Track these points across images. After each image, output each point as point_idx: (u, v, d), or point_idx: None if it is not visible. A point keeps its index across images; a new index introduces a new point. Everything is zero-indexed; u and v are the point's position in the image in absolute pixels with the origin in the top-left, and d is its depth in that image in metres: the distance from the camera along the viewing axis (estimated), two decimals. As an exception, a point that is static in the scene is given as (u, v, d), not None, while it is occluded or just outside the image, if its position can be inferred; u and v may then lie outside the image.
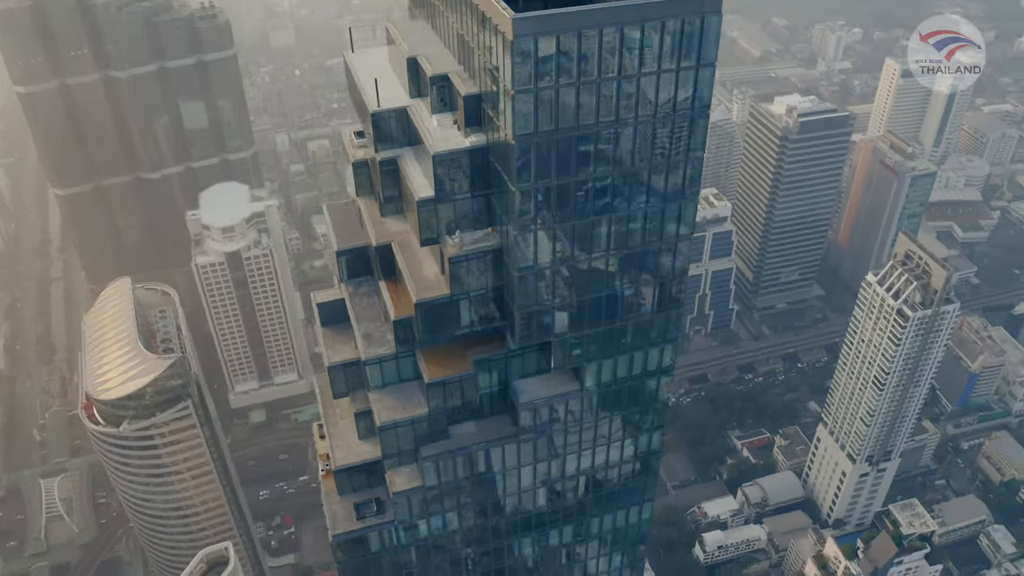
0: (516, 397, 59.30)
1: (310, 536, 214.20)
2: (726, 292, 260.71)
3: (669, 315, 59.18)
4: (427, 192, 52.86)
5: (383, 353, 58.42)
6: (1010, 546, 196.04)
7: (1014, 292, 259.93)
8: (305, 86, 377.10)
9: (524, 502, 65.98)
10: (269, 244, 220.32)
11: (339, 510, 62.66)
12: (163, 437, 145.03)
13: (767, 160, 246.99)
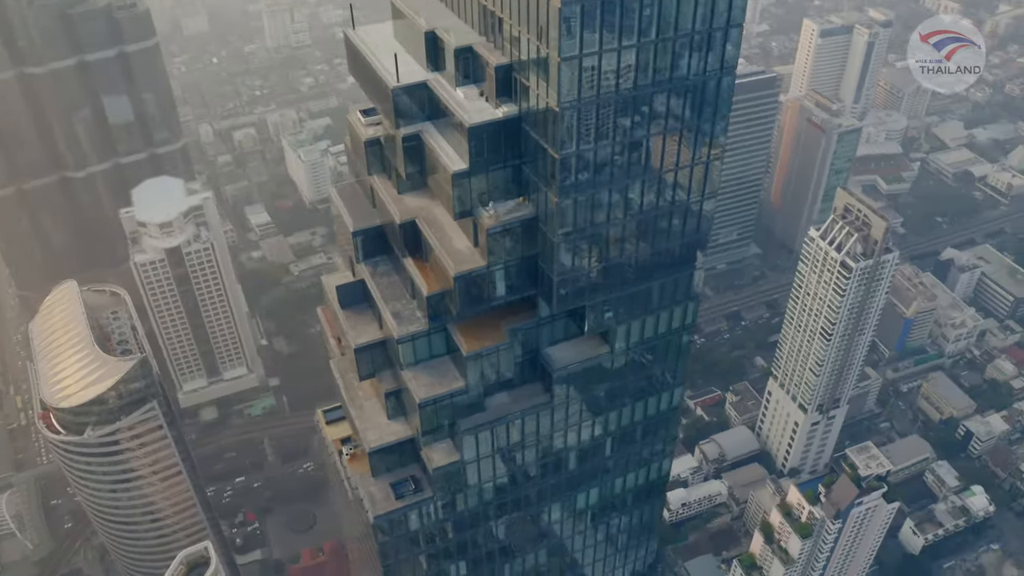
0: (549, 364, 60.08)
1: (275, 531, 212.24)
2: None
3: (693, 273, 60.68)
4: (460, 165, 52.89)
5: (415, 330, 58.39)
6: (954, 480, 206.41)
7: (938, 239, 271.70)
8: (224, 74, 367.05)
9: (555, 467, 66.98)
10: (209, 238, 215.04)
11: (375, 491, 62.55)
12: (130, 441, 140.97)
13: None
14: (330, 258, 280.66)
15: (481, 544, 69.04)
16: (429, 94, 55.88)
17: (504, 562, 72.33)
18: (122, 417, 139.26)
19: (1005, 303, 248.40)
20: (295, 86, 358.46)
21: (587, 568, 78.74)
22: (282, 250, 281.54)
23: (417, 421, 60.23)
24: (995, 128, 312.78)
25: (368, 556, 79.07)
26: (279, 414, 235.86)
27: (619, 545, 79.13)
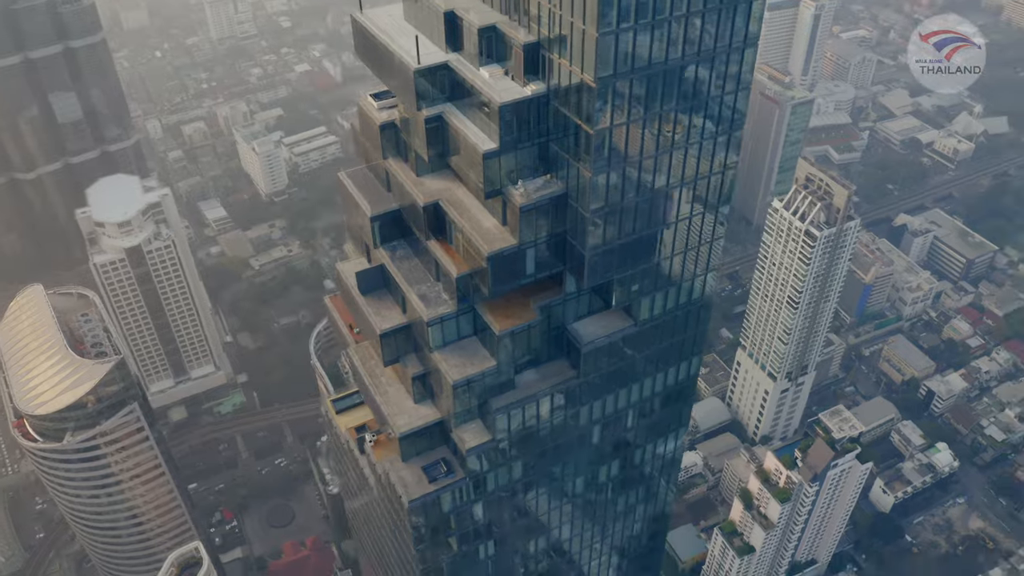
0: (577, 339, 60.62)
1: (253, 528, 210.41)
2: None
3: (714, 244, 61.69)
4: (490, 144, 52.93)
5: (444, 312, 58.43)
6: (919, 439, 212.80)
7: (890, 206, 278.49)
8: (169, 68, 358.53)
9: (581, 441, 67.73)
10: (170, 235, 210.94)
11: (407, 476, 62.57)
12: (110, 445, 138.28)
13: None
14: (290, 251, 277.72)
15: (508, 522, 69.53)
16: (451, 75, 55.72)
17: (529, 539, 72.99)
18: (102, 421, 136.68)
19: (958, 265, 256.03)
20: (243, 77, 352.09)
21: (604, 541, 79.93)
22: (241, 244, 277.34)
23: (448, 403, 60.37)
24: (939, 95, 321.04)
25: (386, 541, 79.13)
26: (250, 410, 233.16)
27: (636, 516, 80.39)
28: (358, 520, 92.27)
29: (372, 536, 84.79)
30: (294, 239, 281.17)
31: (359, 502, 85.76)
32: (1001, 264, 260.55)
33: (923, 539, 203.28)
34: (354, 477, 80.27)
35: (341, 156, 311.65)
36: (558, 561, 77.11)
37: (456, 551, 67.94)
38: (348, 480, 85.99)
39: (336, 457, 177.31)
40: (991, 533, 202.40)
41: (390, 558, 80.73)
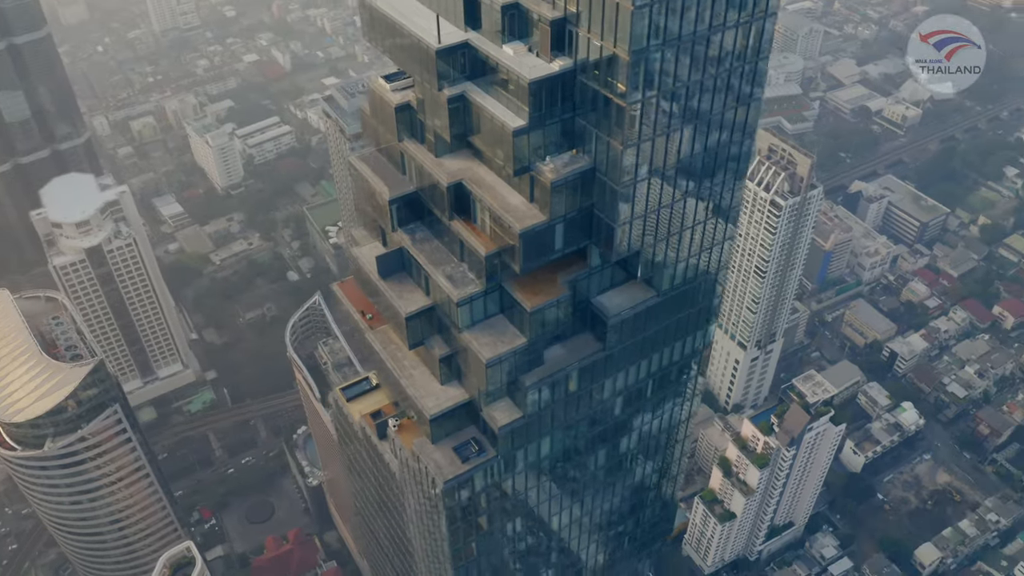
0: (604, 312, 61.24)
1: (233, 525, 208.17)
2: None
3: (730, 212, 62.71)
4: (518, 122, 53.02)
5: (473, 292, 58.53)
6: (884, 399, 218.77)
7: (844, 174, 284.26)
8: (112, 63, 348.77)
9: (605, 413, 68.53)
10: (130, 233, 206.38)
11: (439, 458, 62.70)
12: (92, 449, 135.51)
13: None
14: (251, 244, 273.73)
15: (535, 497, 70.15)
16: (471, 53, 55.59)
17: (553, 513, 73.73)
18: (83, 425, 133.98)
19: (912, 228, 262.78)
20: (189, 69, 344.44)
21: (623, 509, 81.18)
22: (200, 240, 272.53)
23: (478, 382, 60.59)
24: (885, 63, 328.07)
25: (405, 527, 79.19)
26: (221, 407, 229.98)
27: (652, 482, 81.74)
28: (366, 507, 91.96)
29: (386, 523, 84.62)
30: (254, 232, 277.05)
31: (368, 489, 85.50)
32: (953, 226, 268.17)
33: (893, 496, 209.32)
34: (366, 463, 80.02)
35: (296, 146, 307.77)
36: (580, 533, 78.08)
37: (486, 530, 68.39)
38: (356, 467, 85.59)
39: (324, 447, 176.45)
40: (957, 486, 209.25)
41: (407, 544, 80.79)
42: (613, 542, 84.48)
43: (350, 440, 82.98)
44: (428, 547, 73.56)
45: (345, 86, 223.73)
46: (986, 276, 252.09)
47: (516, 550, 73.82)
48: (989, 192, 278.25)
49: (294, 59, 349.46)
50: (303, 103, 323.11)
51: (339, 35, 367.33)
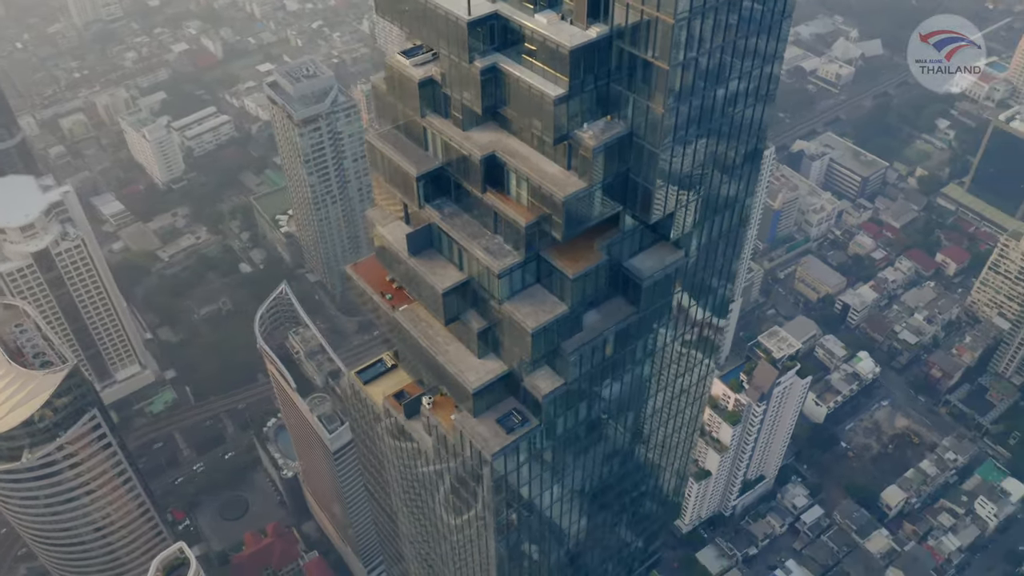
0: (637, 274, 61.99)
1: (208, 523, 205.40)
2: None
3: (752, 169, 64.06)
4: (558, 90, 53.11)
5: (513, 263, 58.65)
6: (841, 350, 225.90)
7: (785, 133, 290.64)
8: (33, 59, 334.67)
9: (636, 377, 69.61)
10: (78, 234, 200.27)
11: (483, 431, 62.92)
12: (72, 457, 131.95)
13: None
14: (198, 238, 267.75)
15: (571, 464, 71.06)
16: (501, 24, 55.37)
17: (585, 479, 74.79)
18: (60, 433, 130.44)
19: (854, 183, 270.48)
20: (117, 63, 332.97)
21: (649, 468, 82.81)
22: (145, 237, 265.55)
23: (520, 352, 60.87)
24: (815, 24, 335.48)
25: (434, 507, 79.37)
26: (184, 406, 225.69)
27: (676, 441, 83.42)
28: (381, 490, 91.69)
29: (408, 504, 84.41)
30: (200, 226, 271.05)
31: (388, 471, 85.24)
32: (892, 179, 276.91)
33: (856, 443, 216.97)
34: (388, 445, 79.73)
35: (236, 136, 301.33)
36: (609, 496, 79.39)
37: (526, 499, 69.02)
38: (373, 451, 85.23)
39: (299, 437, 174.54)
40: (915, 429, 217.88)
41: (432, 524, 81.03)
42: (633, 509, 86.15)
43: (368, 423, 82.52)
44: (463, 523, 73.93)
45: (289, 71, 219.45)
46: (926, 226, 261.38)
47: (550, 519, 74.69)
48: (924, 144, 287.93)
49: (225, 47, 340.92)
50: (239, 91, 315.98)
51: (269, 20, 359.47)
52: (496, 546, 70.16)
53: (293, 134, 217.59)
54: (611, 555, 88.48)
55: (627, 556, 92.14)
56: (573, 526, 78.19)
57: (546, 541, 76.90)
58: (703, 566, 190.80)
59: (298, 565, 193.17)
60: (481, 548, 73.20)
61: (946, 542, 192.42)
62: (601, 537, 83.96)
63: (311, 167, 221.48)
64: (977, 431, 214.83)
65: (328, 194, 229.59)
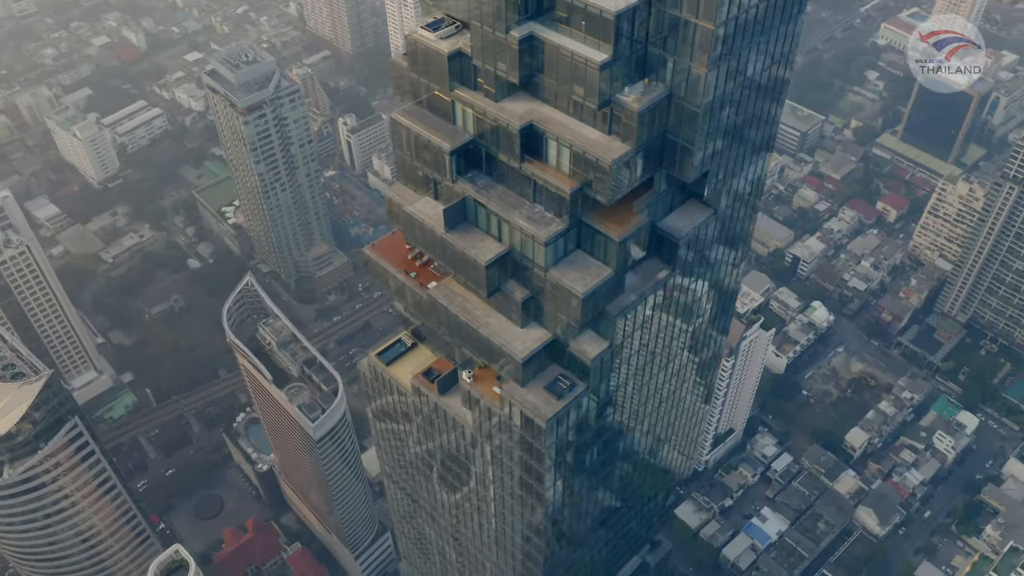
0: (673, 233, 63.21)
1: (184, 525, 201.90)
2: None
3: (771, 126, 65.65)
4: (602, 56, 53.58)
5: (558, 230, 59.20)
6: (795, 301, 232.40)
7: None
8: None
9: (667, 335, 71.00)
10: (22, 240, 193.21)
11: (533, 399, 63.57)
12: (56, 468, 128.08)
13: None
14: (142, 236, 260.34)
15: (613, 423, 72.32)
16: (535, -7, 55.51)
17: (621, 439, 76.20)
18: (42, 445, 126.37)
19: (793, 139, 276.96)
20: (35, 61, 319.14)
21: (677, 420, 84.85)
22: (86, 240, 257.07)
23: (567, 318, 61.56)
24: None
25: (457, 483, 79.86)
26: (146, 409, 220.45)
27: (698, 395, 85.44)
28: (404, 472, 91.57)
29: (443, 482, 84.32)
30: (142, 224, 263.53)
31: (411, 450, 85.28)
32: (829, 132, 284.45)
33: (816, 390, 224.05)
34: (416, 425, 79.77)
35: (170, 129, 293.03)
36: (641, 453, 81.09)
37: (572, 463, 70.05)
38: (396, 434, 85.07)
39: (274, 429, 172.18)
40: (871, 372, 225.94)
41: (468, 501, 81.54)
42: (657, 465, 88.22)
43: (391, 405, 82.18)
44: (504, 495, 74.64)
45: (228, 58, 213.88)
46: (865, 176, 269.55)
47: (591, 479, 76.01)
48: (856, 96, 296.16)
49: (148, 38, 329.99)
50: (168, 83, 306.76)
51: (192, 7, 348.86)
52: (543, 513, 71.14)
53: (237, 123, 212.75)
54: (635, 512, 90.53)
55: (648, 512, 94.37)
56: (609, 485, 79.70)
57: (584, 503, 78.25)
58: (682, 521, 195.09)
59: (281, 558, 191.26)
60: (524, 517, 74.12)
61: (909, 477, 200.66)
62: (631, 494, 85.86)
63: (258, 155, 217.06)
64: (929, 370, 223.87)
65: (277, 182, 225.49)
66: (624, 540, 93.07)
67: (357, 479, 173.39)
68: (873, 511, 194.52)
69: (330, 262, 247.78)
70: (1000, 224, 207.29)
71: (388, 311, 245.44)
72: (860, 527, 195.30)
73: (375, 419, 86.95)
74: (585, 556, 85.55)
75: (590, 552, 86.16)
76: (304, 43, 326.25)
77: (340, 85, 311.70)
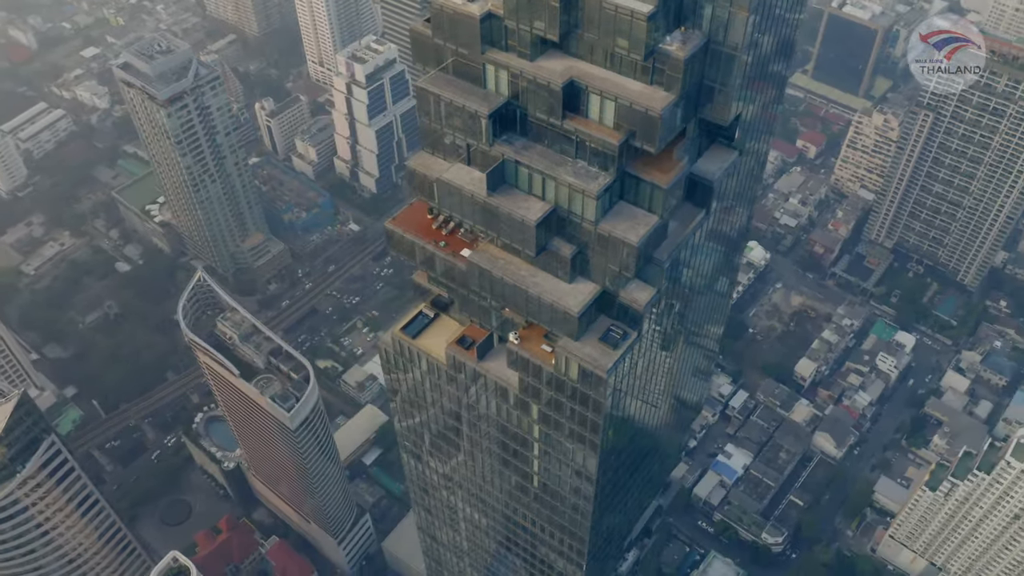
0: (707, 176, 64.98)
1: (152, 534, 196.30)
2: (416, 130, 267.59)
3: (786, 65, 67.86)
4: (647, 7, 54.37)
5: (607, 183, 60.13)
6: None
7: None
8: None
9: (696, 275, 73.16)
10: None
11: (590, 351, 64.73)
12: (38, 490, 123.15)
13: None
14: (63, 244, 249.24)
15: (656, 368, 74.23)
16: (569, -51, 55.78)
17: (658, 382, 78.27)
18: (19, 468, 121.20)
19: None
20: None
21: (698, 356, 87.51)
22: (2, 253, 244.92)
23: (619, 268, 62.70)
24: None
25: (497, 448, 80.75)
26: (95, 421, 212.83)
27: (716, 332, 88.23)
28: (431, 445, 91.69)
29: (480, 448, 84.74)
30: (61, 231, 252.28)
31: (438, 421, 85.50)
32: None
33: (761, 326, 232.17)
34: (449, 394, 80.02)
35: (76, 130, 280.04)
36: (673, 391, 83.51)
37: (622, 410, 71.74)
38: (420, 406, 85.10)
39: (241, 423, 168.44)
40: (810, 304, 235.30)
41: (511, 467, 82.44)
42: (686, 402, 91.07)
43: (418, 380, 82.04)
44: (555, 451, 75.83)
45: (141, 49, 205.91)
46: (783, 115, 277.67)
47: (634, 425, 77.94)
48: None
49: (38, 36, 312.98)
50: (67, 82, 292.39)
51: (81, 0, 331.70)
52: (595, 463, 72.69)
53: (159, 115, 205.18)
54: (660, 454, 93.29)
55: (668, 454, 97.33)
56: (647, 427, 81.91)
57: (627, 448, 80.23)
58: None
59: (260, 554, 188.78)
60: (573, 470, 75.59)
61: (858, 399, 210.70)
62: (661, 435, 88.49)
63: (183, 148, 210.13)
64: (863, 296, 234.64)
65: (205, 173, 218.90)
66: (649, 484, 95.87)
67: (334, 464, 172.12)
68: (829, 435, 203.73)
69: (267, 251, 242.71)
70: (918, 151, 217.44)
71: (332, 294, 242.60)
72: (819, 452, 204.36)
73: (398, 396, 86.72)
74: (620, 503, 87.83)
75: (624, 499, 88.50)
76: (206, 29, 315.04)
77: (250, 69, 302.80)
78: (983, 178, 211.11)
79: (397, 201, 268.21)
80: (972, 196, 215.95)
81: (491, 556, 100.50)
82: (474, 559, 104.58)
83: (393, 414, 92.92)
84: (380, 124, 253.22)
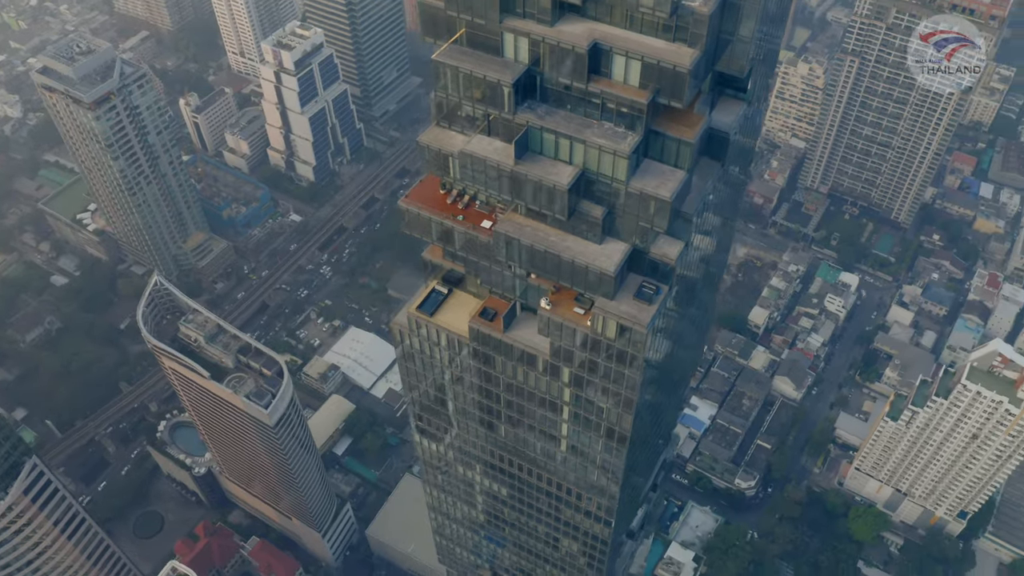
0: (723, 129, 66.29)
1: (128, 550, 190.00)
2: (349, 114, 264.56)
3: (785, 15, 69.66)
4: (673, -32, 55.24)
5: (636, 141, 60.99)
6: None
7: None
8: None
9: (711, 224, 74.92)
10: None
11: (628, 309, 65.79)
12: (23, 515, 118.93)
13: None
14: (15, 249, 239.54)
15: (683, 322, 75.97)
16: (587, -90, 56.10)
17: (684, 335, 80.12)
18: (3, 494, 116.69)
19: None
20: None
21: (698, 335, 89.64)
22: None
23: (653, 224, 63.63)
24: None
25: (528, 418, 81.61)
26: (51, 441, 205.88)
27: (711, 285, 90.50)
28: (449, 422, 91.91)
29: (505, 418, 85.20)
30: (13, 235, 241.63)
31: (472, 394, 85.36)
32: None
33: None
34: (472, 368, 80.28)
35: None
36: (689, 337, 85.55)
37: (653, 368, 73.26)
38: (437, 385, 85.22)
39: (212, 426, 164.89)
40: (755, 254, 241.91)
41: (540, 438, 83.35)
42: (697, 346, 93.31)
43: (436, 356, 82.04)
44: (586, 413, 77.00)
45: (59, 51, 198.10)
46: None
47: (663, 380, 79.71)
48: None
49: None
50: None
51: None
52: (630, 419, 74.20)
53: (86, 119, 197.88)
54: (672, 403, 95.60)
55: (675, 403, 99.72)
56: (669, 377, 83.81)
57: (652, 405, 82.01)
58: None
59: (241, 555, 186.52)
60: (605, 429, 77.01)
61: (811, 341, 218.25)
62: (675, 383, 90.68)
63: (115, 151, 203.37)
64: (805, 241, 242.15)
65: (140, 175, 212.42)
66: (661, 436, 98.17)
67: (313, 457, 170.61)
68: (788, 378, 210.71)
69: (210, 250, 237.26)
70: (847, 96, 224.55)
71: (282, 288, 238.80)
72: (779, 395, 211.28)
73: (413, 377, 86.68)
74: (643, 458, 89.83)
75: (647, 453, 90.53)
76: (117, 27, 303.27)
77: (168, 65, 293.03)
78: (909, 117, 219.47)
79: (336, 188, 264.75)
80: (900, 136, 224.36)
81: (510, 526, 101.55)
82: (491, 531, 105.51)
83: (405, 395, 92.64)
84: (313, 111, 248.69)
